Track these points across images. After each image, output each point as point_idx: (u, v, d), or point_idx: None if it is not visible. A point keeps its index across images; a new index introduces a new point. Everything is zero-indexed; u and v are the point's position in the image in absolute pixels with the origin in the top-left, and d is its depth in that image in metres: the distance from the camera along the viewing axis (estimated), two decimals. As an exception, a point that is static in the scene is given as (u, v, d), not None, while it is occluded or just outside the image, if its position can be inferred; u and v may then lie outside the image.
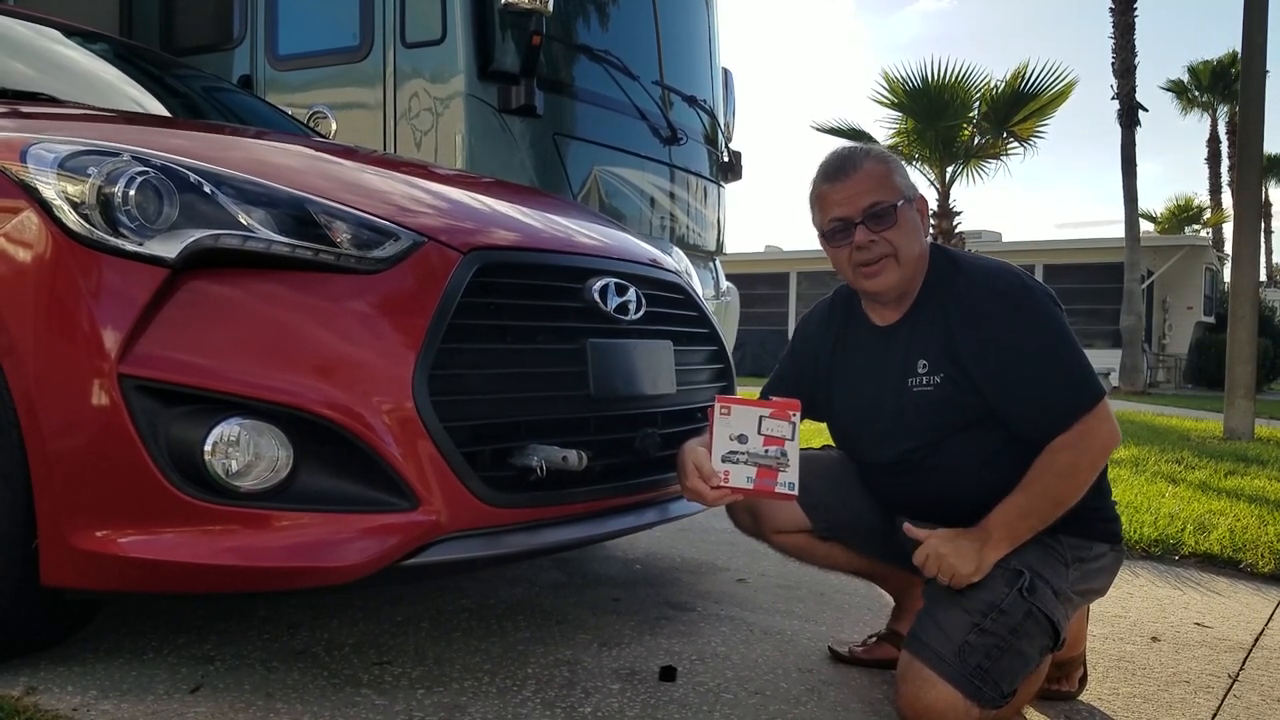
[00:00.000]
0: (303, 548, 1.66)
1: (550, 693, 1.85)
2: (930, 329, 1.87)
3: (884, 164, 1.90)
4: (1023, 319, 1.80)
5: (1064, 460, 1.76)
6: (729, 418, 1.77)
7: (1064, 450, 1.76)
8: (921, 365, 1.87)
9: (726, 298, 5.90)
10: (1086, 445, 1.77)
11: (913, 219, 1.89)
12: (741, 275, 12.54)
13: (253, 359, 1.67)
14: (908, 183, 1.91)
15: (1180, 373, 18.99)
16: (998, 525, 1.77)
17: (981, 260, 1.94)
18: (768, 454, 1.77)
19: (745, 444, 1.76)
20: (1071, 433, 1.76)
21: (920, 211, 1.92)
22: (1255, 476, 4.99)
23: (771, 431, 1.77)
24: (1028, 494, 1.77)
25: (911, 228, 1.88)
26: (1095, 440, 1.77)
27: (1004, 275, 1.86)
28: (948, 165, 13.40)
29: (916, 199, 1.91)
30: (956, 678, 1.68)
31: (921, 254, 1.90)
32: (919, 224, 1.91)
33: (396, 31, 4.33)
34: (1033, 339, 1.79)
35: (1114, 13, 14.61)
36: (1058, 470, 1.76)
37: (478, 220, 2.11)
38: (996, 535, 1.76)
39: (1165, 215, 28.40)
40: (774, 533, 2.13)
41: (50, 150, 1.73)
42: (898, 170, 1.91)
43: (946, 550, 1.75)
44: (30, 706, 1.64)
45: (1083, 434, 1.76)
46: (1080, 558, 1.83)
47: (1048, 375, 1.78)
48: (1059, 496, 1.77)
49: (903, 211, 1.87)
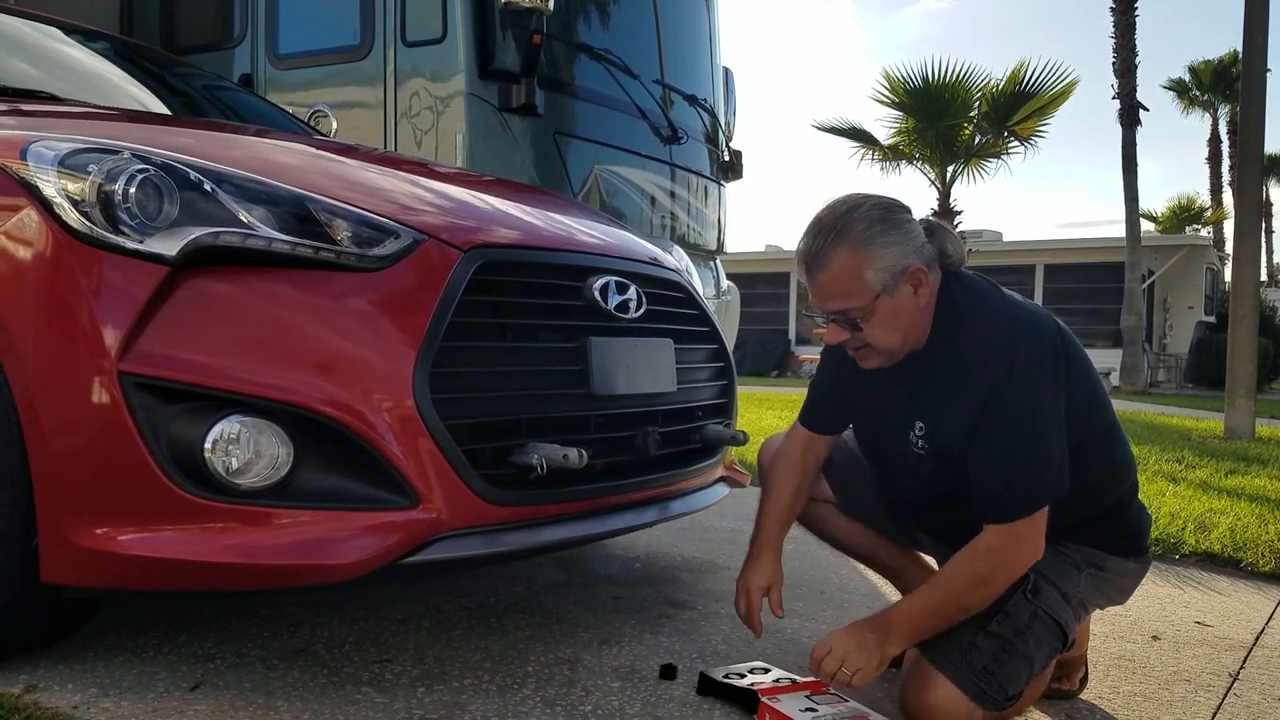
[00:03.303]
0: (303, 545, 1.66)
1: (550, 691, 1.85)
2: (929, 390, 1.78)
3: (856, 257, 1.68)
4: (1008, 394, 1.67)
5: (980, 568, 1.70)
6: (780, 705, 1.73)
7: (982, 557, 1.70)
8: (919, 428, 1.80)
9: (727, 296, 5.90)
10: (1005, 557, 1.70)
11: (892, 307, 1.71)
12: (742, 274, 12.52)
13: (253, 356, 1.67)
14: (890, 266, 1.69)
15: (1181, 372, 18.99)
16: (901, 621, 1.72)
17: (987, 309, 1.76)
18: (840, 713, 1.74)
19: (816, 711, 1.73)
20: (998, 534, 1.69)
21: (915, 281, 1.72)
22: (1256, 476, 4.99)
23: (826, 703, 1.75)
24: (938, 593, 1.73)
25: (889, 317, 1.72)
26: (1017, 553, 1.70)
27: (1003, 340, 1.71)
28: (948, 165, 13.43)
29: (906, 274, 1.70)
30: (962, 679, 1.68)
31: (910, 328, 1.75)
32: (905, 304, 1.72)
33: (397, 30, 4.33)
34: (1008, 421, 1.68)
35: (1115, 12, 14.61)
36: (972, 577, 1.70)
37: (478, 218, 2.11)
38: (898, 631, 1.72)
39: (1166, 215, 28.38)
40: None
41: (51, 148, 1.73)
42: (874, 260, 1.68)
43: (850, 644, 1.70)
44: (30, 704, 1.64)
45: (1008, 543, 1.69)
46: (1094, 563, 1.82)
47: (1003, 462, 1.68)
48: (966, 604, 1.71)
49: (879, 306, 1.70)
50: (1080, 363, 1.78)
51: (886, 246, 1.70)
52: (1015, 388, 1.67)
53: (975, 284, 1.82)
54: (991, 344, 1.71)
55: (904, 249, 1.71)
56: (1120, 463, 1.87)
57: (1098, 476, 1.81)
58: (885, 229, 1.70)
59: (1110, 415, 1.85)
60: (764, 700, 1.75)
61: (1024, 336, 1.72)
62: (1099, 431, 1.81)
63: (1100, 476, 1.82)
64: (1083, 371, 1.78)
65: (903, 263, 1.70)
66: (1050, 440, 1.69)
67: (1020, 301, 1.81)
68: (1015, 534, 1.69)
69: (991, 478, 1.69)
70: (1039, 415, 1.68)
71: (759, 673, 1.89)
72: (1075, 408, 1.73)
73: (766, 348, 18.78)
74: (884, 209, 1.74)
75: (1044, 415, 1.68)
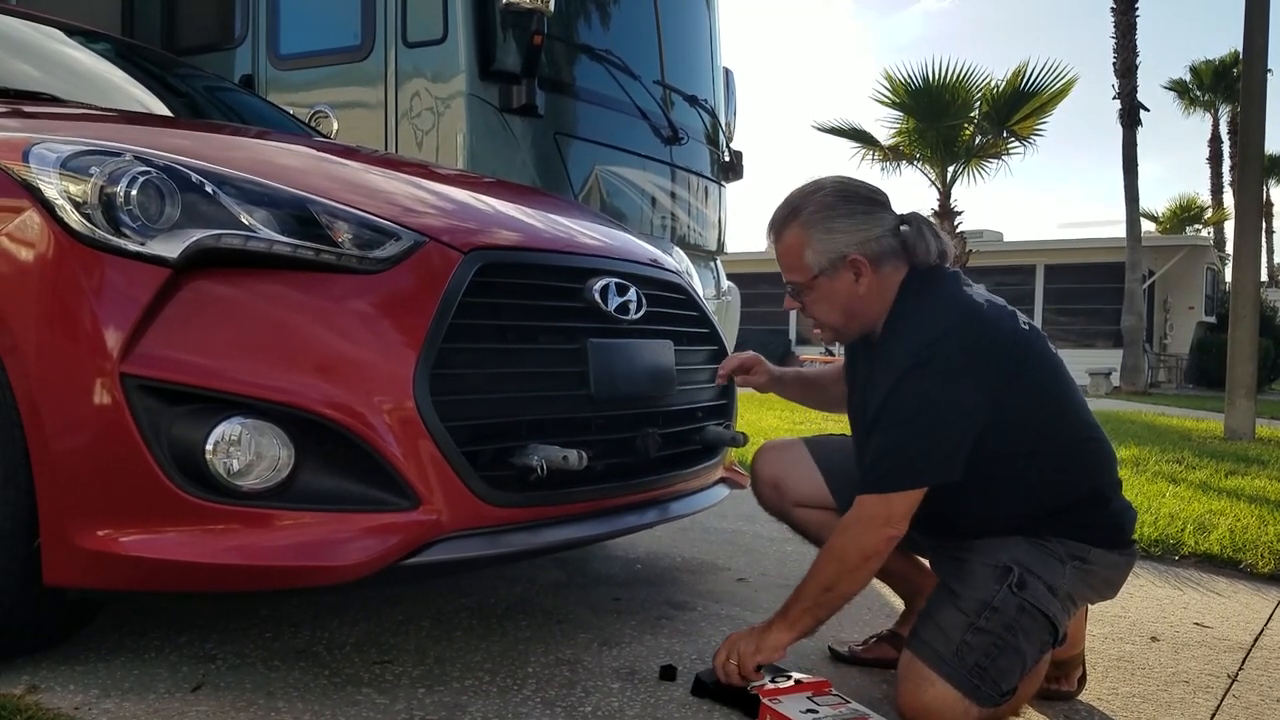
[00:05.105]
0: (304, 547, 1.67)
1: (550, 692, 1.86)
2: (881, 375, 1.81)
3: (800, 236, 1.81)
4: (914, 380, 1.72)
5: (834, 543, 1.78)
6: (781, 706, 1.74)
7: (838, 533, 1.77)
8: (871, 410, 1.84)
9: (727, 297, 5.90)
10: (855, 531, 1.75)
11: (830, 289, 1.82)
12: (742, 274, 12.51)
13: (254, 358, 1.67)
14: (828, 251, 1.79)
15: (1181, 373, 18.99)
16: (779, 613, 1.83)
17: (934, 307, 1.80)
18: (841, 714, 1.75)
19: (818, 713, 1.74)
20: (858, 505, 1.76)
21: (855, 269, 1.80)
22: (1256, 477, 4.99)
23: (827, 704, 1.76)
24: (807, 575, 1.81)
25: (826, 297, 1.84)
26: (868, 527, 1.74)
27: (930, 334, 1.75)
28: (949, 165, 13.43)
29: (845, 261, 1.79)
30: (955, 676, 1.69)
31: (853, 313, 1.85)
32: (843, 289, 1.82)
33: (398, 31, 4.34)
34: (905, 401, 1.72)
35: (1115, 12, 14.63)
36: (827, 553, 1.78)
37: (479, 220, 2.12)
38: (776, 622, 1.82)
39: (1167, 215, 28.39)
40: (796, 505, 2.13)
41: (53, 150, 1.74)
42: (814, 243, 1.80)
43: (738, 638, 1.84)
44: (32, 705, 1.65)
45: (860, 517, 1.75)
46: (1078, 556, 1.82)
47: (884, 437, 1.74)
48: (825, 581, 1.77)
49: (818, 285, 1.82)
50: (1035, 372, 1.79)
51: (829, 233, 1.80)
52: (920, 374, 1.72)
53: (940, 279, 1.84)
54: (918, 333, 1.76)
55: (847, 238, 1.80)
56: (1092, 454, 1.85)
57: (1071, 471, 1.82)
58: (832, 216, 1.81)
59: (1083, 418, 1.85)
60: (765, 702, 1.75)
61: (952, 330, 1.75)
62: (1064, 433, 1.82)
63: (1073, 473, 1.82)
64: (1034, 382, 1.78)
65: (841, 250, 1.80)
66: (941, 429, 1.71)
67: (978, 302, 1.81)
68: (865, 507, 1.75)
69: (875, 444, 1.76)
70: (934, 403, 1.71)
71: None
72: (1018, 417, 1.75)
73: (766, 348, 18.72)
74: (842, 196, 1.83)
75: (941, 405, 1.71)
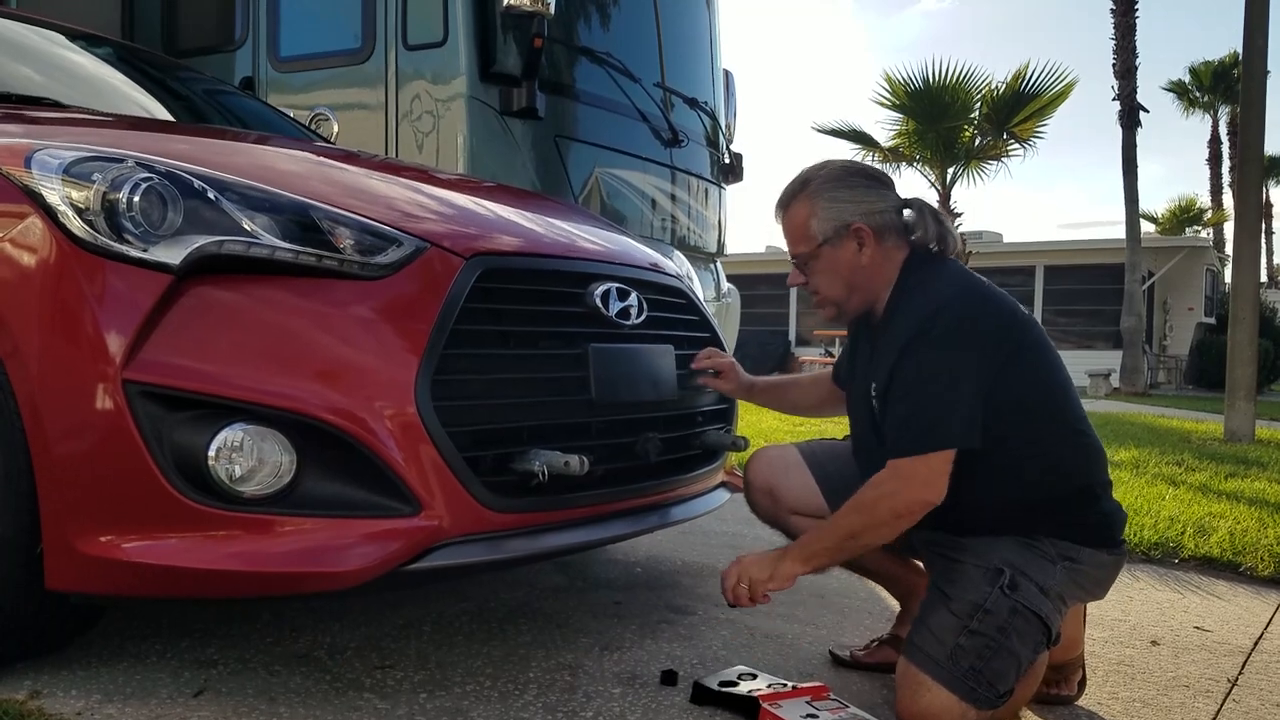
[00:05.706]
0: (306, 553, 1.67)
1: (552, 697, 1.86)
2: (885, 351, 1.86)
3: (806, 205, 1.90)
4: (920, 349, 1.77)
5: (865, 495, 1.80)
6: (781, 710, 1.76)
7: (870, 486, 1.79)
8: (874, 388, 1.88)
9: (727, 299, 5.90)
10: (889, 487, 1.77)
11: (834, 258, 1.89)
12: (742, 276, 12.50)
13: (256, 364, 1.67)
14: (833, 218, 1.88)
15: (1181, 374, 18.97)
16: (797, 545, 1.86)
17: (937, 283, 1.86)
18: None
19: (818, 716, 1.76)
20: (891, 466, 1.78)
21: (859, 238, 1.87)
22: (1256, 479, 4.99)
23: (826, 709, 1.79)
24: (833, 520, 1.84)
25: (830, 266, 1.90)
26: (903, 484, 1.76)
27: (932, 305, 1.81)
28: (949, 166, 13.43)
29: (849, 230, 1.87)
30: (951, 680, 1.70)
31: (856, 284, 1.91)
32: (846, 258, 1.88)
33: (398, 33, 4.33)
34: (916, 369, 1.77)
35: (1115, 14, 14.61)
36: (855, 502, 1.80)
37: (480, 225, 2.12)
38: (792, 551, 1.85)
39: (1166, 216, 28.38)
40: (791, 513, 2.14)
41: (55, 156, 1.74)
42: (820, 211, 1.89)
43: (749, 563, 1.85)
44: (34, 710, 1.65)
45: (894, 475, 1.77)
46: (1068, 556, 1.82)
47: (905, 399, 1.78)
48: (851, 529, 1.80)
49: (822, 254, 1.89)
50: (1034, 354, 1.84)
51: (833, 201, 1.89)
52: (927, 343, 1.77)
53: (942, 264, 1.91)
54: (921, 307, 1.82)
55: (852, 207, 1.88)
56: (1085, 449, 1.87)
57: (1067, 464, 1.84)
58: (836, 186, 1.90)
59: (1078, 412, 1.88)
60: (765, 706, 1.75)
61: (953, 301, 1.81)
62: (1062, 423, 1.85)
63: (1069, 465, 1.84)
64: (1033, 364, 1.83)
65: (845, 219, 1.88)
66: (955, 393, 1.75)
67: (979, 280, 1.89)
68: (901, 469, 1.77)
69: (894, 413, 1.79)
70: (945, 370, 1.76)
71: (747, 679, 1.90)
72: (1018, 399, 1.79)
73: (766, 349, 18.74)
74: (846, 171, 1.94)
75: (952, 372, 1.75)
